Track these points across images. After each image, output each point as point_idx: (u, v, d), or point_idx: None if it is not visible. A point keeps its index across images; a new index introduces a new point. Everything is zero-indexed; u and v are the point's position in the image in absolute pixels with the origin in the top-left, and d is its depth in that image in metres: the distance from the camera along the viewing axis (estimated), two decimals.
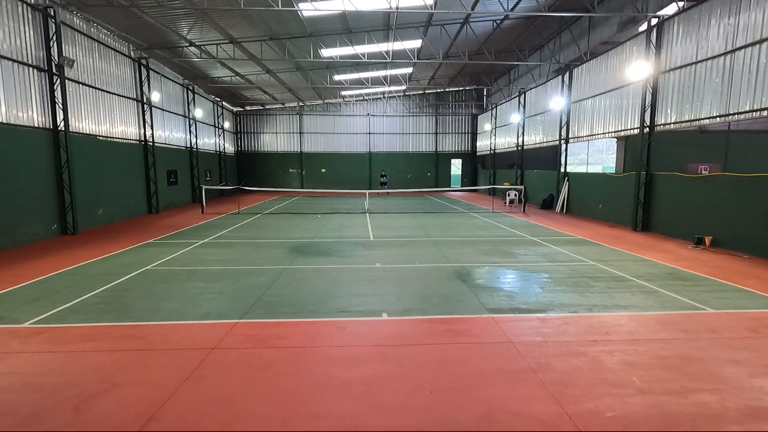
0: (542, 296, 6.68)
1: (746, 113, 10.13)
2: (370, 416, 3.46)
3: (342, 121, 34.31)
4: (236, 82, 24.91)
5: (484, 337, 5.11)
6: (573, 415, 3.46)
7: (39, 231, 11.69)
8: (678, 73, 12.40)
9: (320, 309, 6.11)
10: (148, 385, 3.93)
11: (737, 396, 3.76)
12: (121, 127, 16.58)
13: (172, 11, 14.38)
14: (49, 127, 12.34)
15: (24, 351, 4.63)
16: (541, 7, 16.18)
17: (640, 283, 7.41)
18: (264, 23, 16.29)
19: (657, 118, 13.31)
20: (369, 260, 9.19)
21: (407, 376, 4.13)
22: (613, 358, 4.49)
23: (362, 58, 20.31)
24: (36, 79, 11.91)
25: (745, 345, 4.86)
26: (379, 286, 7.29)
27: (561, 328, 5.35)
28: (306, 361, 4.46)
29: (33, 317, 5.68)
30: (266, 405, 3.62)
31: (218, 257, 9.52)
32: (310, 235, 12.59)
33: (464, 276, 7.86)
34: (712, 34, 11.12)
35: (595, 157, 41.63)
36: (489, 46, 21.35)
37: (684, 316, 5.83)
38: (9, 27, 10.99)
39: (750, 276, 7.95)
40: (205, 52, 19.09)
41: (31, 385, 3.95)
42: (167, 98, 21.11)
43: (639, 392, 3.82)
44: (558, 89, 19.77)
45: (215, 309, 6.09)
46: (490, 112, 30.81)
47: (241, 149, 34.21)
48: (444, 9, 15.64)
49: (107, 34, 15.73)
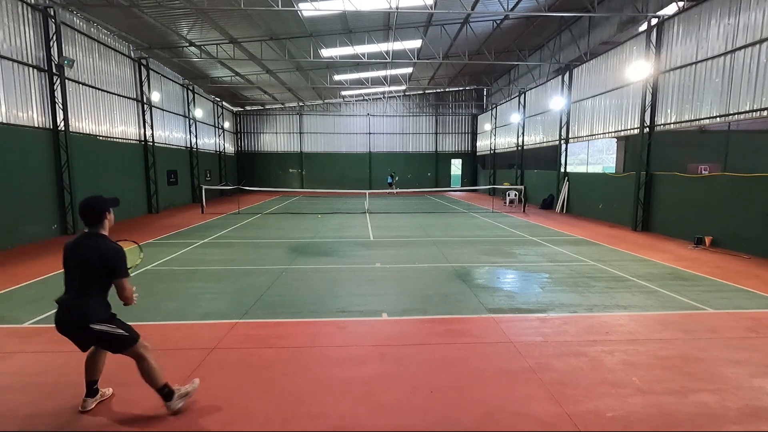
0: (542, 296, 6.68)
1: (746, 113, 10.13)
2: (370, 416, 3.46)
3: (342, 121, 34.31)
4: (236, 82, 24.92)
5: (484, 337, 5.11)
6: (573, 415, 3.46)
7: (39, 231, 11.69)
8: (678, 73, 12.40)
9: (320, 309, 6.11)
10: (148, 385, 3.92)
11: (737, 396, 3.76)
12: (121, 127, 16.59)
13: (172, 11, 14.38)
14: (49, 127, 12.35)
15: (24, 351, 4.63)
16: (541, 7, 16.17)
17: (640, 283, 7.41)
18: (264, 23, 16.29)
19: (657, 118, 13.31)
20: (369, 260, 9.19)
21: (407, 376, 4.13)
22: (613, 358, 4.49)
23: (362, 58, 20.31)
24: (36, 79, 11.91)
25: (745, 345, 4.86)
26: (379, 286, 7.29)
27: (561, 328, 5.35)
28: (306, 361, 4.46)
29: (33, 317, 5.68)
30: (266, 405, 3.62)
31: (218, 257, 9.52)
32: (310, 235, 12.59)
33: (464, 276, 7.86)
34: (712, 34, 11.12)
35: (595, 157, 41.62)
36: (489, 46, 21.35)
37: (684, 316, 5.83)
38: (9, 27, 11.00)
39: (750, 276, 7.95)
40: (205, 52, 19.09)
41: (31, 385, 3.95)
42: (167, 98, 21.12)
43: (639, 392, 3.82)
44: (558, 89, 19.77)
45: (215, 309, 6.09)
46: (490, 112, 30.81)
47: (241, 149, 34.22)
48: (444, 9, 15.64)
49: (107, 34, 15.74)
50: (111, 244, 3.24)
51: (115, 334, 3.26)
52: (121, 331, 3.30)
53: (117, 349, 3.32)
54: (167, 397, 3.41)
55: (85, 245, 3.22)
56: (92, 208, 3.25)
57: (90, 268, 3.18)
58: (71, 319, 3.21)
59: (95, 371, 3.55)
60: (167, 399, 3.41)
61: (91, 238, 3.24)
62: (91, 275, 3.19)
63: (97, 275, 3.19)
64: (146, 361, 3.38)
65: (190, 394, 3.55)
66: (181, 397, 3.48)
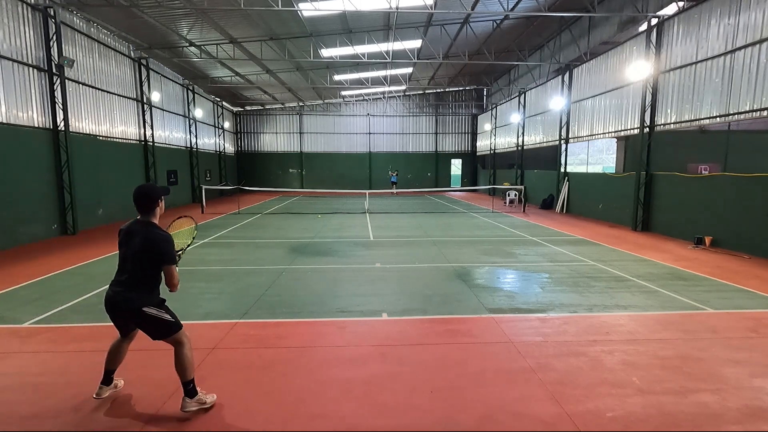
0: (542, 296, 6.68)
1: (746, 113, 10.13)
2: (370, 416, 3.46)
3: (342, 121, 34.31)
4: (236, 82, 24.92)
5: (484, 337, 5.11)
6: (573, 415, 3.46)
7: (39, 231, 11.69)
8: (678, 73, 12.40)
9: (320, 309, 6.11)
10: (149, 385, 3.93)
11: (737, 396, 3.76)
12: (121, 127, 16.58)
13: (172, 11, 14.38)
14: (49, 127, 12.34)
15: (24, 351, 4.63)
16: (541, 7, 16.17)
17: (640, 283, 7.41)
18: (264, 23, 16.29)
19: (657, 118, 13.31)
20: (369, 260, 9.19)
21: (407, 376, 4.13)
22: (613, 358, 4.49)
23: (362, 58, 20.31)
24: (36, 79, 11.91)
25: (745, 345, 4.86)
26: (379, 286, 7.29)
27: (561, 328, 5.35)
28: (306, 361, 4.46)
29: (33, 317, 5.68)
30: (266, 405, 3.62)
31: (218, 257, 9.52)
32: (310, 235, 12.59)
33: (464, 276, 7.86)
34: (712, 34, 11.12)
35: (595, 157, 41.61)
36: (489, 46, 21.35)
37: (684, 316, 5.83)
38: (9, 27, 11.00)
39: (750, 276, 7.95)
40: (205, 52, 19.09)
41: (31, 385, 3.95)
42: (167, 98, 21.11)
43: (639, 392, 3.82)
44: (558, 89, 19.77)
45: (215, 309, 6.09)
46: (490, 112, 30.81)
47: (241, 149, 34.22)
48: (444, 9, 15.64)
49: (107, 34, 15.74)
50: (161, 232, 3.36)
51: (164, 319, 3.40)
52: (169, 317, 3.45)
53: (162, 335, 3.43)
54: (190, 393, 3.44)
55: (138, 232, 3.33)
56: (147, 196, 3.41)
57: (142, 254, 3.28)
58: (123, 301, 3.32)
59: (118, 360, 3.67)
60: (189, 395, 3.44)
61: (143, 225, 3.37)
62: (143, 261, 3.30)
63: (148, 262, 3.30)
64: (184, 349, 3.45)
65: (207, 405, 3.51)
66: (200, 402, 3.47)
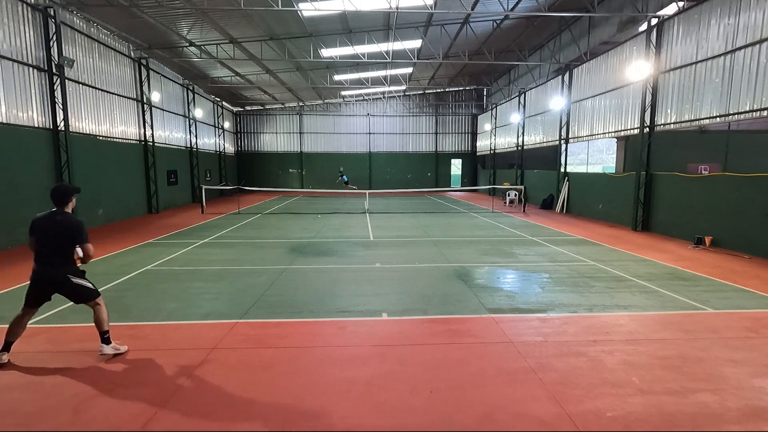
0: (542, 296, 6.68)
1: (746, 113, 10.13)
2: (370, 416, 3.46)
3: (342, 121, 34.31)
4: (236, 82, 24.91)
5: (484, 337, 5.11)
6: (573, 415, 3.46)
7: None
8: (678, 73, 12.40)
9: (320, 309, 6.11)
10: (149, 384, 3.93)
11: (737, 396, 3.76)
12: (121, 127, 16.58)
13: (172, 11, 14.38)
14: (49, 127, 12.34)
15: (24, 351, 4.63)
16: (541, 7, 16.17)
17: (640, 283, 7.41)
18: (264, 23, 16.29)
19: (657, 118, 13.31)
20: (369, 260, 9.19)
21: (407, 376, 4.13)
22: (613, 358, 4.49)
23: (362, 58, 20.31)
24: (36, 79, 11.91)
25: (745, 345, 4.86)
26: (379, 286, 7.29)
27: (561, 328, 5.35)
28: (306, 361, 4.46)
29: (33, 317, 5.66)
30: (266, 405, 3.62)
31: (218, 257, 9.52)
32: (310, 235, 12.59)
33: (464, 276, 7.86)
34: (712, 34, 11.12)
35: (595, 157, 41.63)
36: (489, 46, 21.35)
37: (684, 316, 5.83)
38: (9, 27, 11.00)
39: (750, 276, 7.95)
40: (205, 52, 19.09)
41: (31, 384, 3.95)
42: (167, 98, 21.11)
43: (639, 392, 3.82)
44: (558, 89, 19.77)
45: (215, 309, 6.09)
46: (490, 112, 30.81)
47: (241, 149, 34.21)
48: (444, 9, 15.63)
49: (107, 34, 15.74)
50: (75, 219, 4.30)
51: (86, 286, 4.40)
52: (90, 285, 4.45)
53: (84, 299, 4.40)
54: (107, 341, 4.46)
55: (59, 220, 4.20)
56: (64, 193, 4.31)
57: (64, 235, 4.19)
58: (52, 274, 4.21)
59: (18, 333, 4.41)
60: (106, 342, 4.45)
61: (62, 215, 4.24)
62: (64, 240, 4.20)
63: (67, 241, 4.22)
64: (102, 309, 4.46)
65: (120, 352, 4.51)
66: (115, 349, 4.48)
